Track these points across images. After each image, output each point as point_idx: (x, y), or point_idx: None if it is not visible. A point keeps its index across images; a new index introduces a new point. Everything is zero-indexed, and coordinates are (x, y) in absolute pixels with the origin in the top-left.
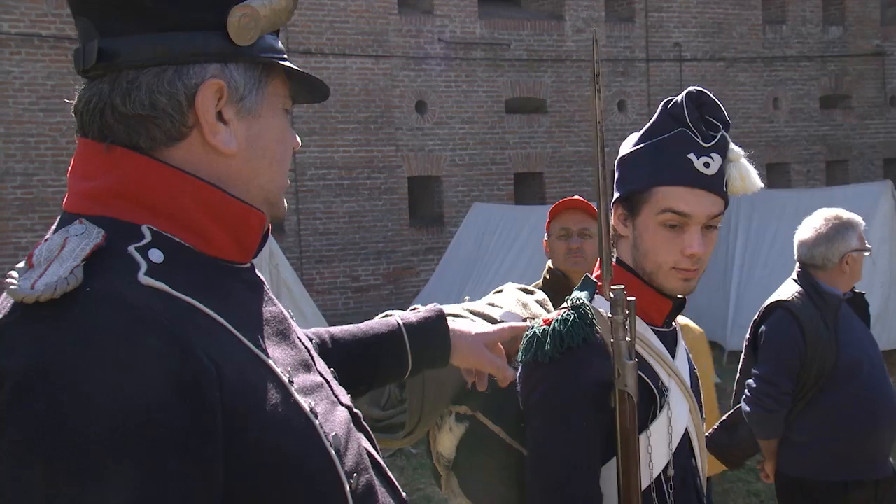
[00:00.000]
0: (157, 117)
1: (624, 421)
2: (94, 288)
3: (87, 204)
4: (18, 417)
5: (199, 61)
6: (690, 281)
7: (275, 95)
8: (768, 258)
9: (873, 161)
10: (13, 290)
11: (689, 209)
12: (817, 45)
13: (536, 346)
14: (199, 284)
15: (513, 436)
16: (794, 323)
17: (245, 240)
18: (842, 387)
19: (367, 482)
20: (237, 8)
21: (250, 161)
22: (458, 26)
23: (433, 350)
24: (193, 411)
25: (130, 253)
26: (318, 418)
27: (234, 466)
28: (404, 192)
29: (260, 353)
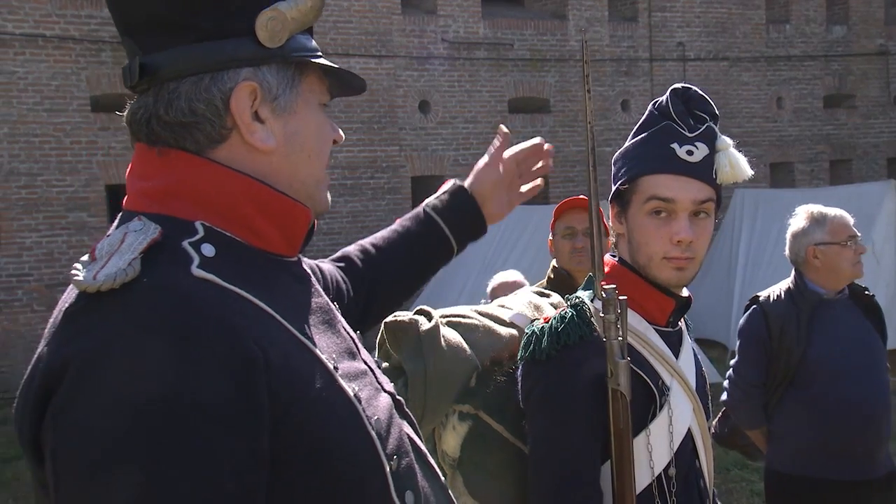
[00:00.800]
0: (197, 122)
1: (617, 419)
2: (150, 278)
3: (146, 202)
4: (82, 399)
5: (232, 67)
6: (684, 270)
7: (310, 92)
8: (772, 257)
9: (877, 160)
10: (77, 280)
11: (672, 195)
12: (821, 44)
13: (534, 344)
14: (249, 276)
15: (515, 434)
16: (763, 318)
17: (292, 234)
18: (809, 384)
19: (408, 464)
20: (264, 12)
21: (289, 156)
22: (462, 26)
23: (467, 221)
24: (241, 392)
25: (184, 247)
26: (361, 403)
27: (279, 445)
28: (408, 192)
29: (305, 341)
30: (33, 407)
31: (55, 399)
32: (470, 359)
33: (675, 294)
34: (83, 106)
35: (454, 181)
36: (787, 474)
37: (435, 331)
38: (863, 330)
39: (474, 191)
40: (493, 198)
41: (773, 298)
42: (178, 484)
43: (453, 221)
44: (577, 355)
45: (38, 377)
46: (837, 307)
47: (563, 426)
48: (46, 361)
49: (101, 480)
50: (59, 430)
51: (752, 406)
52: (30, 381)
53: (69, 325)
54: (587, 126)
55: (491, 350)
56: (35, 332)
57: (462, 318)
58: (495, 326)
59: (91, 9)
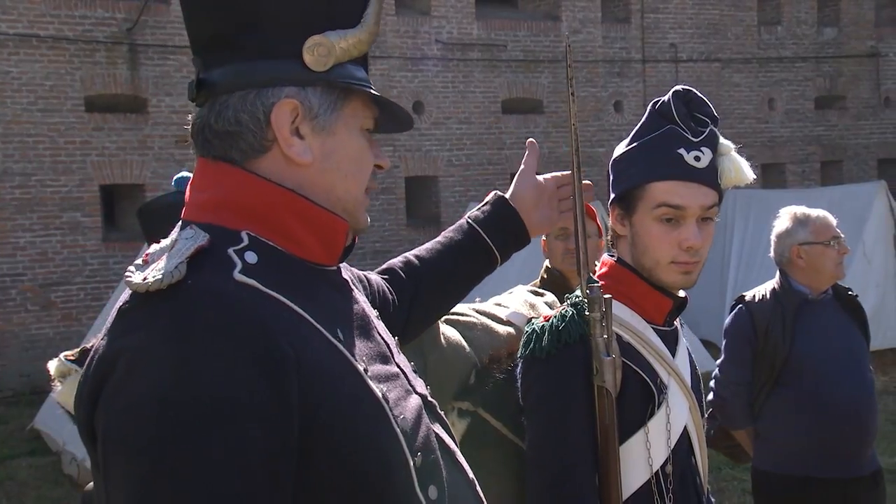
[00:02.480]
0: (241, 132)
1: (603, 417)
2: (195, 281)
3: (199, 213)
4: (130, 388)
5: (278, 84)
6: (690, 274)
7: (352, 117)
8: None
9: (868, 161)
10: (129, 281)
11: (682, 202)
12: (812, 46)
13: (534, 342)
14: (288, 283)
15: (514, 431)
16: (748, 317)
17: (331, 244)
18: (793, 383)
19: (433, 461)
20: (312, 38)
21: (325, 172)
22: (455, 27)
23: (509, 232)
24: (273, 389)
25: (229, 254)
26: (388, 403)
27: (308, 439)
28: (401, 192)
29: (338, 344)
30: (88, 394)
31: (107, 387)
32: (469, 356)
33: (673, 294)
34: (77, 106)
35: (496, 192)
36: (775, 473)
37: (435, 329)
38: (847, 330)
39: (515, 201)
40: (535, 208)
41: (758, 298)
42: (211, 472)
43: (496, 232)
44: (577, 354)
45: (94, 367)
46: (822, 307)
47: (561, 424)
48: (101, 354)
49: (144, 464)
50: (110, 415)
51: (738, 406)
52: (87, 370)
53: (122, 322)
54: (571, 128)
55: (490, 348)
56: (29, 331)
57: (461, 316)
58: (493, 325)
59: (85, 9)
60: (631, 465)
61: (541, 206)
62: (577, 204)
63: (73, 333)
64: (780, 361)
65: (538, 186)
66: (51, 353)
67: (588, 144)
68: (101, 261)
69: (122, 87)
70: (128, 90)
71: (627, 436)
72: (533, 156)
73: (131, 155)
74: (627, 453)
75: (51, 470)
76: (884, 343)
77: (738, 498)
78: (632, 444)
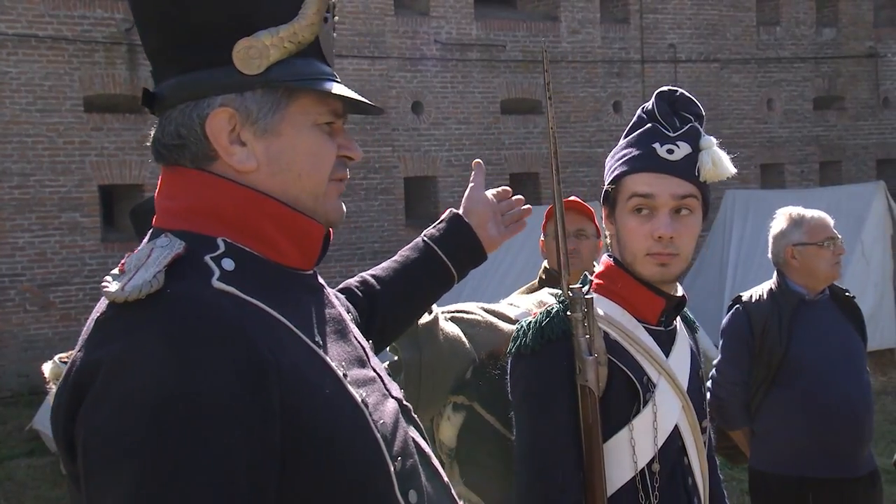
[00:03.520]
0: (185, 145)
1: (586, 415)
2: (173, 290)
3: (172, 220)
4: (110, 398)
5: (211, 94)
6: (667, 266)
7: (301, 114)
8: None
9: (866, 162)
10: (107, 291)
11: (651, 190)
12: (811, 46)
13: (521, 339)
14: (266, 289)
15: (506, 425)
16: (745, 317)
17: (307, 249)
18: (790, 383)
19: (412, 466)
20: (241, 42)
21: (276, 176)
22: (454, 27)
23: (465, 248)
24: (254, 396)
25: (207, 262)
26: (368, 408)
27: (290, 445)
28: (400, 193)
29: (317, 349)
30: (67, 405)
31: (87, 398)
32: (467, 352)
33: (667, 293)
34: (76, 106)
35: (451, 210)
36: (771, 473)
37: (433, 324)
38: (843, 330)
39: (469, 218)
40: (488, 223)
41: (755, 298)
42: (194, 479)
43: (451, 249)
44: (559, 350)
45: (72, 378)
46: (818, 308)
47: (544, 419)
48: (79, 365)
49: (125, 473)
50: (90, 425)
51: (734, 406)
52: (64, 382)
53: (100, 332)
54: (550, 131)
55: (491, 345)
56: (28, 331)
57: (466, 313)
58: (499, 323)
59: (84, 9)
60: (615, 462)
61: (494, 222)
62: (556, 205)
63: (71, 334)
64: (776, 361)
65: (488, 203)
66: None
67: (587, 145)
68: (99, 261)
69: (121, 88)
70: (126, 90)
71: (612, 433)
72: (480, 174)
73: (130, 155)
74: (612, 450)
75: (49, 470)
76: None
77: (737, 498)
78: (616, 442)
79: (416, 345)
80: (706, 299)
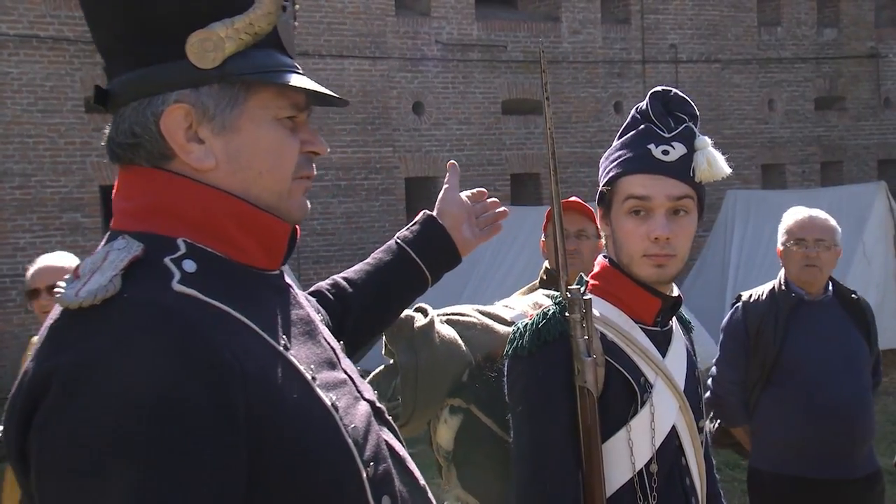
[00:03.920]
0: (140, 144)
1: (585, 416)
2: (131, 294)
3: (130, 222)
4: (64, 410)
5: (165, 90)
6: (664, 267)
7: (261, 109)
8: (764, 259)
9: (868, 162)
10: (59, 297)
11: (646, 192)
12: (812, 46)
13: (517, 340)
14: (230, 290)
15: (503, 428)
16: (743, 316)
17: (272, 248)
18: (784, 382)
19: (385, 470)
20: (195, 34)
21: (236, 173)
22: (455, 28)
23: (438, 251)
24: (218, 403)
25: (166, 264)
26: (338, 412)
27: (257, 452)
28: (401, 193)
29: (284, 352)
30: (19, 418)
31: (40, 410)
32: (463, 354)
33: (663, 293)
34: (77, 107)
35: (424, 212)
36: (768, 472)
37: (429, 326)
38: (843, 332)
39: (443, 219)
40: (462, 225)
41: (755, 297)
42: (157, 490)
43: (425, 252)
44: (556, 352)
45: (24, 390)
46: (818, 308)
47: (541, 421)
48: (31, 375)
49: (80, 487)
50: (44, 438)
51: (732, 403)
52: (16, 394)
53: (53, 341)
54: (547, 132)
55: (487, 347)
56: (29, 332)
57: (461, 316)
58: (494, 325)
59: None
60: (613, 463)
61: (468, 224)
62: (555, 206)
63: None
64: (770, 361)
65: (463, 204)
66: None
67: (588, 145)
68: None
69: None
70: None
71: (610, 434)
72: (455, 175)
73: None
74: (609, 451)
75: None
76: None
77: (738, 499)
78: (614, 443)
79: (412, 348)
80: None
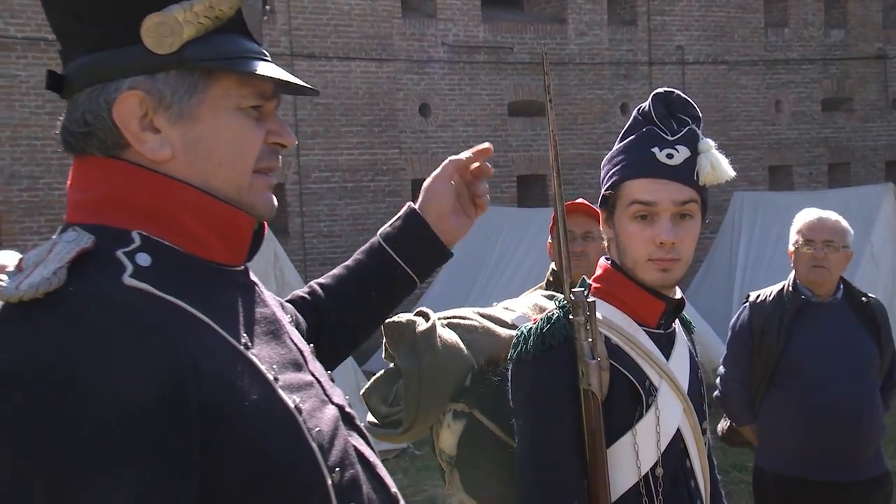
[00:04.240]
0: (92, 133)
1: (589, 420)
2: (77, 288)
3: (83, 214)
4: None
5: (119, 76)
6: (669, 272)
7: (223, 97)
8: (772, 261)
9: (875, 164)
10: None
11: (652, 197)
12: (819, 48)
13: (521, 345)
14: (187, 286)
15: (507, 433)
16: (748, 316)
17: (234, 242)
18: (787, 383)
19: (352, 477)
20: (150, 17)
21: (195, 164)
22: (462, 30)
23: (422, 246)
24: (169, 405)
25: (118, 257)
26: (301, 414)
27: (212, 456)
28: (408, 195)
29: (244, 351)
30: None
31: None
32: (466, 358)
33: (666, 296)
34: None
35: (409, 204)
36: (771, 472)
37: (431, 331)
38: (851, 334)
39: (427, 211)
40: (449, 215)
41: (762, 297)
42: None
43: (408, 251)
44: (561, 356)
45: None
46: (826, 310)
47: (546, 426)
48: None
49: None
50: None
51: (737, 402)
52: None
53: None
54: (550, 135)
55: (489, 350)
56: None
57: (462, 319)
58: (495, 328)
59: None
60: (619, 467)
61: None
62: (558, 208)
63: None
64: (773, 361)
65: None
66: None
67: (594, 147)
68: None
69: None
70: None
71: (615, 438)
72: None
73: None
74: (615, 455)
75: None
76: None
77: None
78: (620, 447)
79: (414, 353)
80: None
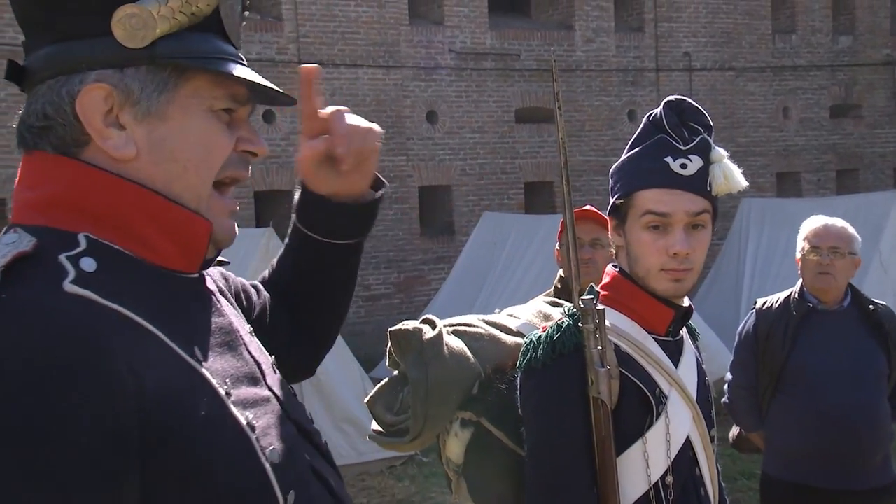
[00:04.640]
0: (51, 127)
1: (599, 428)
2: (10, 294)
3: (27, 214)
4: None
5: (85, 68)
6: (681, 282)
7: (193, 97)
8: (780, 268)
9: (884, 170)
10: None
11: (667, 209)
12: (827, 54)
13: (531, 353)
14: (134, 293)
15: (515, 441)
16: (754, 323)
17: (189, 247)
18: (791, 391)
19: (307, 499)
20: (122, 9)
21: (159, 165)
22: (469, 37)
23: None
24: (104, 423)
25: (60, 261)
26: (255, 432)
27: (155, 476)
28: (415, 202)
29: (194, 364)
30: None
31: None
32: (473, 367)
33: (675, 304)
34: None
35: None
36: (777, 478)
37: (438, 339)
38: (857, 341)
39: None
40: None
41: (769, 304)
42: None
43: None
44: (571, 364)
45: None
46: (832, 317)
47: (557, 433)
48: None
49: None
50: None
51: (743, 408)
52: None
53: None
54: (559, 141)
55: (495, 358)
56: None
57: (468, 326)
58: (501, 335)
59: None
60: (629, 475)
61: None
62: (567, 216)
63: None
64: (777, 368)
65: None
66: None
67: (602, 154)
68: None
69: None
70: None
71: (625, 447)
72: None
73: None
74: (625, 464)
75: None
76: None
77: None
78: (630, 455)
79: (422, 361)
80: (722, 308)
